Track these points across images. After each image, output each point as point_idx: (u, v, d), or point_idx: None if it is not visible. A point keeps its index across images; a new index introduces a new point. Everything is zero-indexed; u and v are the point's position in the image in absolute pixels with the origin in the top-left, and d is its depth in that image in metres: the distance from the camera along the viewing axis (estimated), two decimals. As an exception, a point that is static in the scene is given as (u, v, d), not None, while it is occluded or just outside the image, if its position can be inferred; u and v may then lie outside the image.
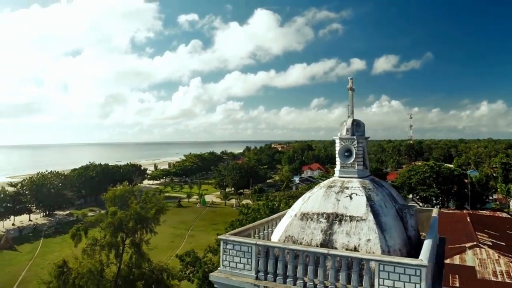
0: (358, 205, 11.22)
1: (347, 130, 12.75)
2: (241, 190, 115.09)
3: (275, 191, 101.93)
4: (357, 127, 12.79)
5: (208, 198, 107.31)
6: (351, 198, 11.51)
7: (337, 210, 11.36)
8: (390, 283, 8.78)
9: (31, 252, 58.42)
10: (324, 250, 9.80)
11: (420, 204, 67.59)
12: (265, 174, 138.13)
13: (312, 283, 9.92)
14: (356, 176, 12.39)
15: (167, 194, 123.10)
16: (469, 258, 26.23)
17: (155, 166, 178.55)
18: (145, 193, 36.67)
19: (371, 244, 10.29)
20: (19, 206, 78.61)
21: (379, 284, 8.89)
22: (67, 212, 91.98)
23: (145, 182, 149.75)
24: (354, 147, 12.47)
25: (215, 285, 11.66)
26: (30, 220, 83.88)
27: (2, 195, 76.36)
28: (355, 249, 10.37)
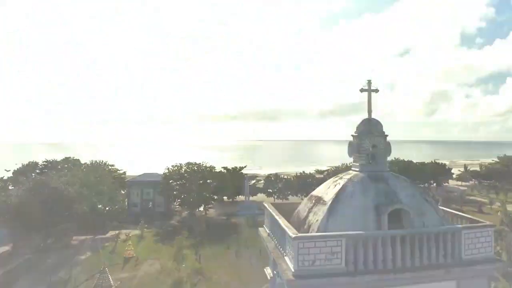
0: (332, 192, 13.04)
1: (356, 129, 13.98)
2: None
3: None
4: (367, 126, 13.71)
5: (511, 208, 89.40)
6: (334, 186, 13.35)
7: (322, 194, 13.61)
8: (289, 247, 11.42)
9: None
10: (278, 219, 13.05)
11: None
12: None
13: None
14: (358, 170, 13.58)
15: (471, 198, 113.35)
16: None
17: (465, 167, 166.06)
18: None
19: (317, 223, 12.35)
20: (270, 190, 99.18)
21: (287, 247, 11.68)
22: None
23: (451, 182, 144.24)
24: (356, 144, 13.65)
25: None
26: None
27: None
28: (310, 225, 12.73)
